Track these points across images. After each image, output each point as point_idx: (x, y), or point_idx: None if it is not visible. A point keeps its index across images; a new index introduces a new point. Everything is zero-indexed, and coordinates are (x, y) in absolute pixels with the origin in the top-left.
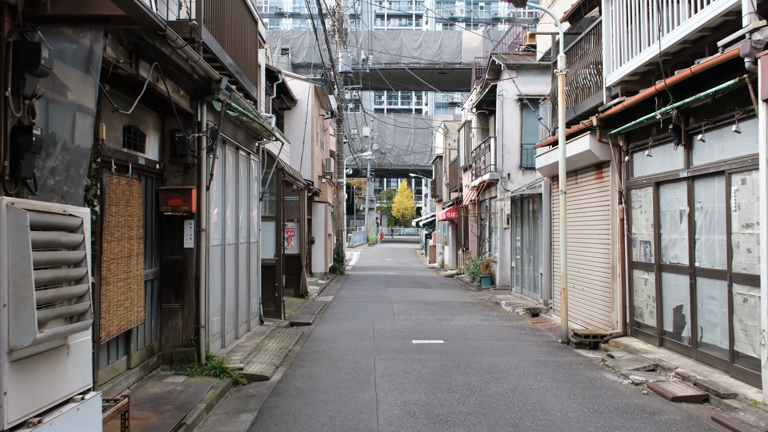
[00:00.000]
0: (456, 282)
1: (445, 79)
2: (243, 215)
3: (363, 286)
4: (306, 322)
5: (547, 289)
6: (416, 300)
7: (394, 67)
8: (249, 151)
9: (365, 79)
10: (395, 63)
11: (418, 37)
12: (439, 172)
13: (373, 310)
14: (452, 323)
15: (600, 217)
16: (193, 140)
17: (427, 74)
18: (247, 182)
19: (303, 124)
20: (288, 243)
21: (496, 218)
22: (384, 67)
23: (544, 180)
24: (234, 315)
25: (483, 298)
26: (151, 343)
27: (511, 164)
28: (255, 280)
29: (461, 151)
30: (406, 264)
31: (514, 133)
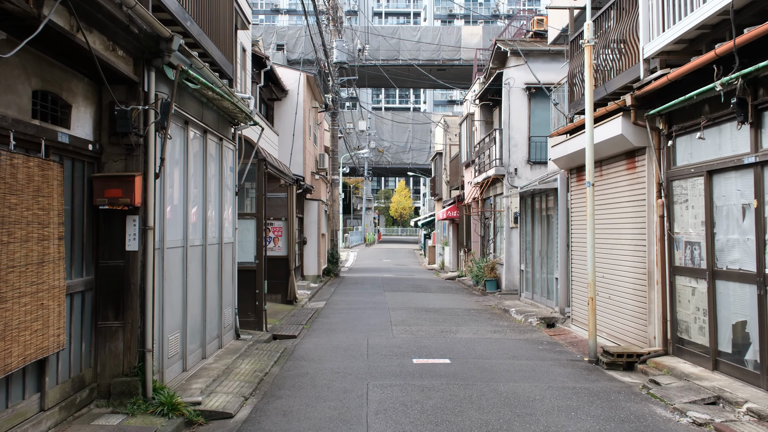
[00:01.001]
0: (458, 285)
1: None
2: (213, 212)
3: (358, 291)
4: (291, 334)
5: (564, 296)
6: (416, 307)
7: (392, 63)
8: (222, 137)
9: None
10: (393, 59)
11: (417, 33)
12: (438, 169)
13: (369, 319)
14: (458, 336)
15: (632, 214)
16: (137, 115)
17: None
18: (219, 173)
19: (294, 116)
20: (275, 244)
21: (501, 217)
22: (381, 63)
23: (560, 173)
24: (200, 330)
25: (489, 305)
26: (81, 374)
27: (519, 158)
28: (229, 287)
29: (463, 146)
30: (405, 265)
31: (522, 125)
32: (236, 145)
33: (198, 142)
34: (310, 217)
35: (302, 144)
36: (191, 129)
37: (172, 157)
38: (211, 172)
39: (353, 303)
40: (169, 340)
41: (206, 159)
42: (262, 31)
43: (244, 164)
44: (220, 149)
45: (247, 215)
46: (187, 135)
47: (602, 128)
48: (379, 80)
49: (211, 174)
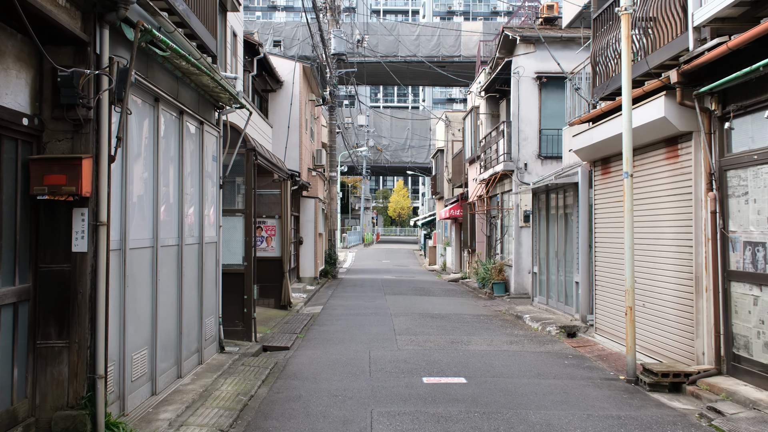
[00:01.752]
0: (462, 288)
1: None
2: (192, 207)
3: (357, 294)
4: (283, 345)
5: (586, 302)
6: (420, 312)
7: (391, 60)
8: (203, 121)
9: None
10: (392, 55)
11: (416, 30)
12: (440, 167)
13: (370, 326)
14: (471, 348)
15: (673, 210)
16: (87, 82)
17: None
18: (199, 162)
19: (290, 109)
20: (267, 244)
21: (510, 215)
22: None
23: (581, 166)
24: (174, 345)
25: (499, 310)
26: (11, 407)
27: (529, 153)
28: (212, 293)
29: (467, 142)
30: (405, 266)
31: (532, 117)
32: (220, 132)
33: (173, 125)
34: (306, 215)
35: (298, 138)
36: (164, 108)
37: (138, 139)
38: (190, 160)
39: (352, 308)
40: (134, 360)
41: (183, 145)
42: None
43: (231, 155)
44: (200, 135)
45: (234, 212)
46: (157, 114)
47: (638, 112)
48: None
49: (189, 162)
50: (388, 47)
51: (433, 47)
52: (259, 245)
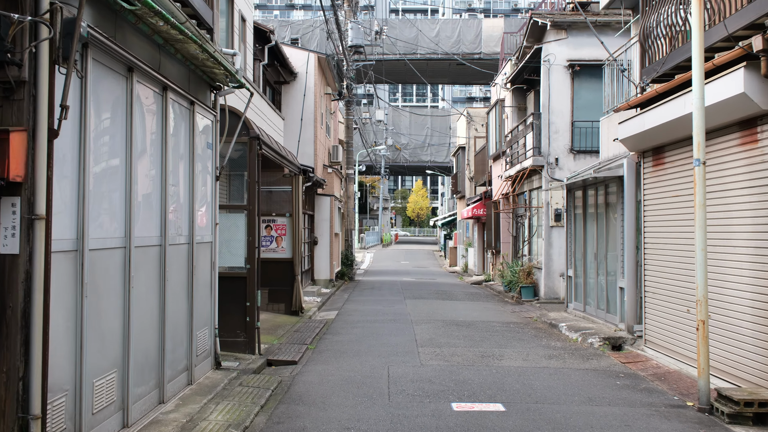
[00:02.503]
0: (486, 291)
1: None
2: (181, 200)
3: (375, 297)
4: (290, 359)
5: (632, 310)
6: (444, 319)
7: (410, 58)
8: (194, 101)
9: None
10: (411, 53)
11: (435, 26)
12: (461, 165)
13: (388, 336)
14: (505, 363)
15: (750, 205)
16: (19, 34)
17: (444, 65)
18: (189, 149)
19: (305, 103)
20: (277, 244)
21: (539, 214)
22: (399, 57)
23: (627, 158)
24: (155, 365)
25: (530, 317)
26: None
27: (560, 147)
28: (205, 301)
29: (491, 137)
30: (425, 268)
31: (564, 108)
32: (217, 116)
33: (156, 103)
34: (321, 214)
35: (312, 133)
36: (140, 81)
37: (103, 114)
38: (176, 145)
39: (369, 313)
40: (96, 387)
41: (166, 126)
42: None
43: (229, 143)
44: (190, 117)
45: (234, 208)
46: (131, 87)
47: (707, 90)
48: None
49: (176, 148)
50: (407, 44)
51: (453, 44)
52: (268, 246)
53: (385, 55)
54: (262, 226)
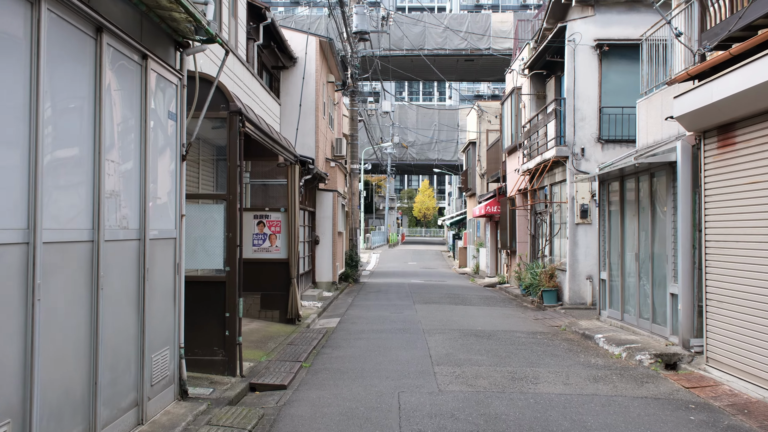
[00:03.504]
0: (502, 295)
1: (472, 67)
2: (124, 180)
3: (382, 302)
4: (278, 384)
5: (688, 321)
6: (460, 328)
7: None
8: (147, 55)
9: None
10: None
11: (443, 22)
12: (471, 161)
13: (398, 349)
14: (542, 388)
15: None
16: None
17: (452, 62)
18: (141, 115)
19: (305, 90)
20: (271, 243)
21: (561, 210)
22: (406, 53)
23: (681, 140)
24: (82, 405)
25: (556, 325)
26: None
27: (586, 135)
28: (166, 313)
29: (506, 129)
30: (433, 269)
31: (591, 93)
32: (183, 80)
33: (81, 48)
34: (323, 211)
35: (314, 123)
36: (55, 11)
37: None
38: (119, 108)
39: (375, 321)
40: None
41: (100, 81)
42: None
43: (197, 118)
44: (142, 75)
45: (210, 198)
46: (38, 18)
47: None
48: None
49: (117, 112)
50: (414, 41)
51: (460, 40)
52: (260, 245)
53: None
54: (253, 222)
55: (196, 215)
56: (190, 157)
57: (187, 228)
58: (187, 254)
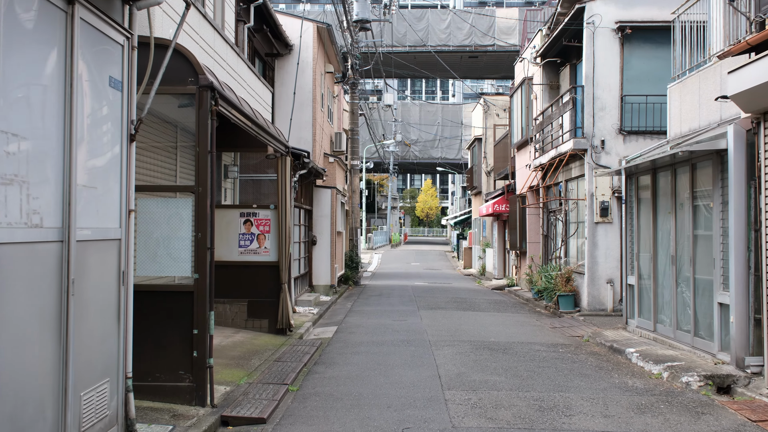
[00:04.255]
0: (512, 299)
1: (476, 64)
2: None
3: (384, 307)
4: (255, 417)
5: (742, 336)
6: (471, 339)
7: (420, 50)
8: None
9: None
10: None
11: (447, 17)
12: (476, 158)
13: (401, 369)
14: (579, 424)
15: None
16: None
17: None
18: (64, 76)
19: (301, 80)
20: (259, 244)
21: (578, 208)
22: (408, 50)
23: (733, 125)
24: None
25: (577, 335)
26: None
27: (606, 127)
28: (105, 336)
29: (515, 123)
30: (437, 270)
31: (612, 81)
32: (132, 40)
33: None
34: (321, 209)
35: (311, 115)
36: None
37: None
38: (29, 65)
39: (376, 330)
40: None
41: None
42: None
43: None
44: (67, 25)
45: (173, 190)
46: None
47: None
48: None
49: (22, 69)
50: (416, 38)
51: (464, 36)
52: (247, 246)
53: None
54: (239, 221)
55: (158, 211)
56: (162, 144)
57: (147, 227)
58: (147, 258)
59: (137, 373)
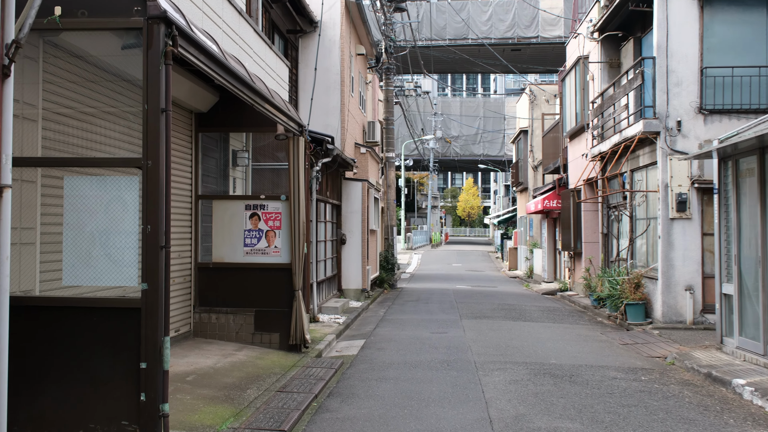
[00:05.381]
0: (566, 305)
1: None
2: None
3: (421, 315)
4: None
5: None
6: (527, 360)
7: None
8: None
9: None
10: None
11: (488, 9)
12: (522, 152)
13: (438, 407)
14: None
15: None
16: None
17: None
18: None
19: (328, 60)
20: (269, 243)
21: (649, 202)
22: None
23: None
24: None
25: (657, 356)
26: None
27: (683, 105)
28: None
29: (567, 110)
30: (480, 272)
31: (689, 51)
32: None
33: None
34: (350, 204)
35: (338, 100)
36: None
37: None
38: None
39: (410, 346)
40: None
41: None
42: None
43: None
44: None
45: (109, 164)
46: None
47: None
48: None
49: None
50: (456, 30)
51: (507, 28)
52: (254, 245)
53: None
54: (245, 214)
55: (92, 194)
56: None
57: (77, 216)
58: (77, 261)
59: (61, 423)
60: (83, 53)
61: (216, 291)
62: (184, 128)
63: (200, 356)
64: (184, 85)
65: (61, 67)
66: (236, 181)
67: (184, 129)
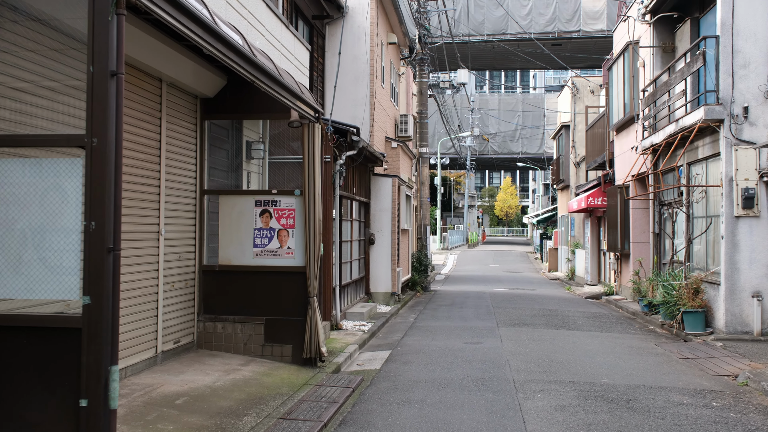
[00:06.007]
0: (613, 311)
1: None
2: None
3: (454, 322)
4: None
5: None
6: (574, 379)
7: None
8: None
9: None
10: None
11: (528, 3)
12: (563, 148)
13: None
14: None
15: None
16: None
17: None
18: None
19: (356, 48)
20: (281, 243)
21: (710, 198)
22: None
23: None
24: None
25: (725, 374)
26: None
27: (751, 89)
28: None
29: (614, 100)
30: (518, 273)
31: (758, 28)
32: None
33: None
34: (380, 202)
35: (367, 90)
36: None
37: None
38: None
39: (441, 359)
40: None
41: None
42: None
43: None
44: None
45: (45, 143)
46: None
47: None
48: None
49: None
50: (495, 25)
51: (547, 23)
52: (265, 246)
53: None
54: (255, 211)
55: (23, 182)
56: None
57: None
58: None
59: None
60: (20, 3)
61: (222, 297)
62: (187, 114)
63: (199, 372)
64: (187, 65)
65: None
66: (251, 176)
67: (187, 115)
